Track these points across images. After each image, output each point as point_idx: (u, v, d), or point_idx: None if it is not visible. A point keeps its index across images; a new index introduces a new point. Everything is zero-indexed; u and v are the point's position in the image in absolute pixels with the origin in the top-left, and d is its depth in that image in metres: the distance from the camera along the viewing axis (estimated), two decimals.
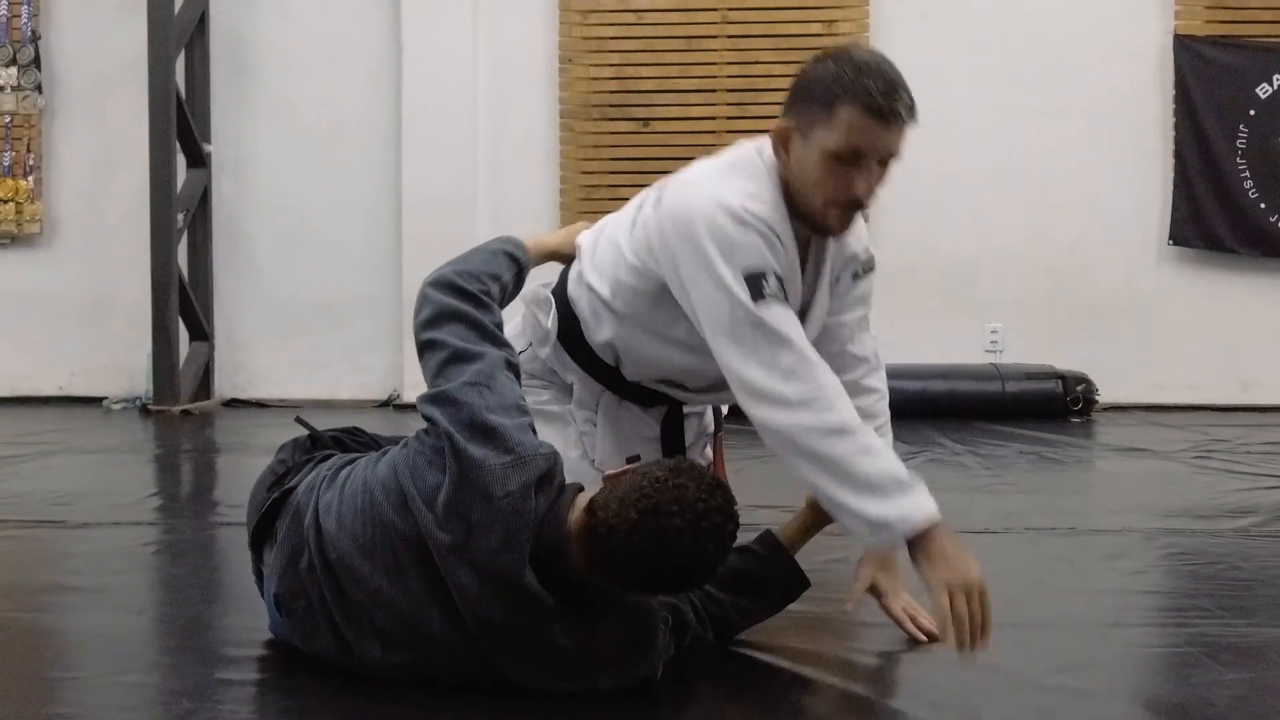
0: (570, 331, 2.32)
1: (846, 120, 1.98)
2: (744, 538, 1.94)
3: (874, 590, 2.23)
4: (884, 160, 2.03)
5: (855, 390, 2.21)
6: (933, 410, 5.83)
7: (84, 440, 5.23)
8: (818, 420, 1.96)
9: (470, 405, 1.88)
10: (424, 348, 2.04)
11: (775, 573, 2.17)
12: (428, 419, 1.94)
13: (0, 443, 5.10)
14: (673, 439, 2.38)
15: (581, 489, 1.92)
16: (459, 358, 1.97)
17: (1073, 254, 6.53)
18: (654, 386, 2.33)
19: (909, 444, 4.92)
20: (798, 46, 6.48)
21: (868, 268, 2.30)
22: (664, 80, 6.60)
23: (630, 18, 6.60)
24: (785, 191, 2.09)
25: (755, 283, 2.01)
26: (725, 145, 2.22)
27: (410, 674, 1.91)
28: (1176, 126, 6.40)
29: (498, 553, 1.80)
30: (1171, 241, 6.42)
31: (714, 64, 6.49)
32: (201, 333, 6.73)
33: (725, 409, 2.51)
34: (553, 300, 2.35)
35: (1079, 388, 5.95)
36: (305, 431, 2.29)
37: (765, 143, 2.13)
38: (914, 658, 2.14)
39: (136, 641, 2.29)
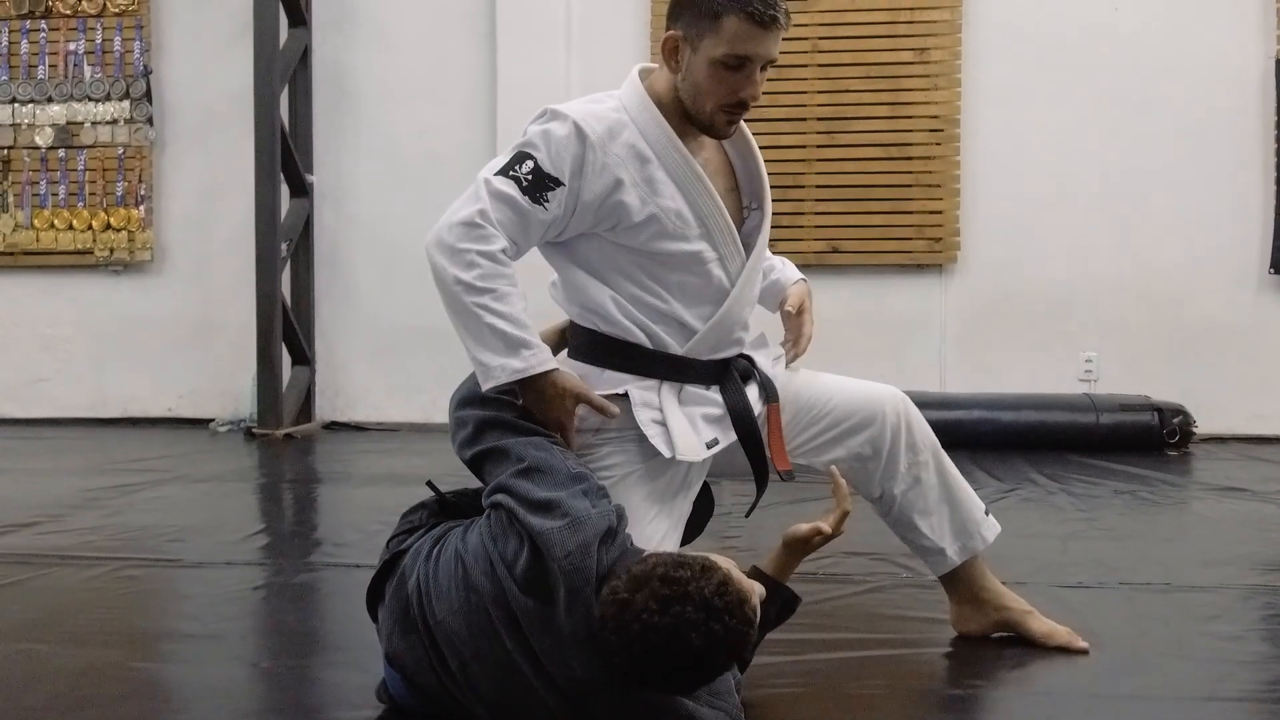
0: (592, 342, 2.37)
1: (732, 30, 2.20)
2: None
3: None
4: (765, 65, 2.26)
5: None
6: (1025, 441, 5.78)
7: (193, 467, 5.40)
8: (455, 270, 2.19)
9: (524, 488, 2.03)
10: (478, 460, 2.19)
11: (771, 603, 2.16)
12: (493, 506, 2.07)
13: (116, 467, 5.33)
14: (740, 413, 2.39)
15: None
16: (505, 454, 2.13)
17: (1170, 281, 6.42)
18: (688, 354, 2.36)
19: (1001, 480, 4.90)
20: (888, 75, 6.48)
21: None
22: (754, 109, 6.54)
23: None
24: (673, 99, 2.31)
25: (518, 159, 2.24)
26: (815, 174, 2.38)
27: None
28: (1279, 152, 6.26)
29: (567, 611, 1.91)
30: (1273, 270, 6.28)
31: (804, 92, 6.48)
32: (303, 357, 6.92)
33: (776, 378, 2.50)
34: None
35: (1175, 420, 5.82)
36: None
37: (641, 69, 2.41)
38: None
39: (249, 696, 2.40)
